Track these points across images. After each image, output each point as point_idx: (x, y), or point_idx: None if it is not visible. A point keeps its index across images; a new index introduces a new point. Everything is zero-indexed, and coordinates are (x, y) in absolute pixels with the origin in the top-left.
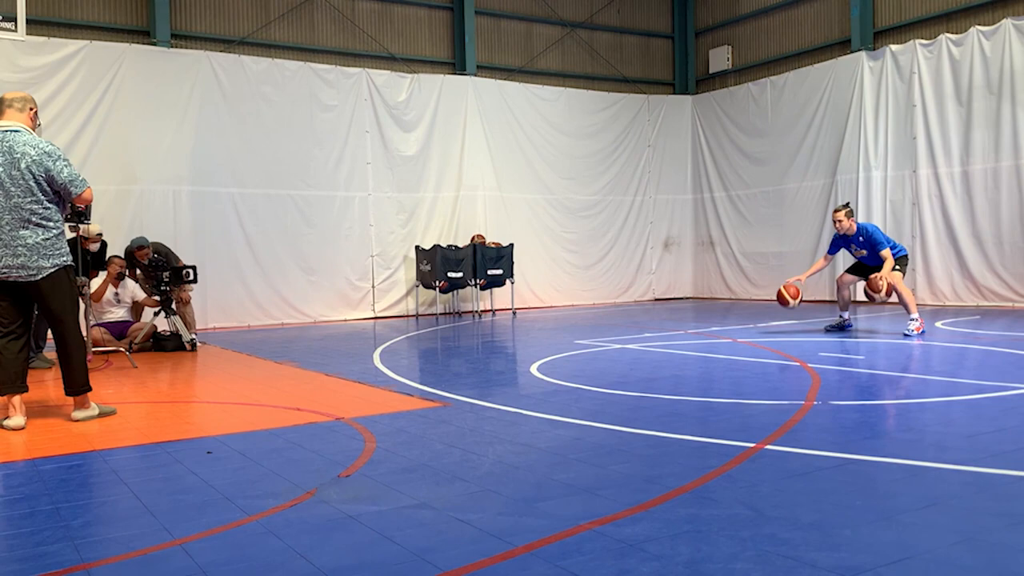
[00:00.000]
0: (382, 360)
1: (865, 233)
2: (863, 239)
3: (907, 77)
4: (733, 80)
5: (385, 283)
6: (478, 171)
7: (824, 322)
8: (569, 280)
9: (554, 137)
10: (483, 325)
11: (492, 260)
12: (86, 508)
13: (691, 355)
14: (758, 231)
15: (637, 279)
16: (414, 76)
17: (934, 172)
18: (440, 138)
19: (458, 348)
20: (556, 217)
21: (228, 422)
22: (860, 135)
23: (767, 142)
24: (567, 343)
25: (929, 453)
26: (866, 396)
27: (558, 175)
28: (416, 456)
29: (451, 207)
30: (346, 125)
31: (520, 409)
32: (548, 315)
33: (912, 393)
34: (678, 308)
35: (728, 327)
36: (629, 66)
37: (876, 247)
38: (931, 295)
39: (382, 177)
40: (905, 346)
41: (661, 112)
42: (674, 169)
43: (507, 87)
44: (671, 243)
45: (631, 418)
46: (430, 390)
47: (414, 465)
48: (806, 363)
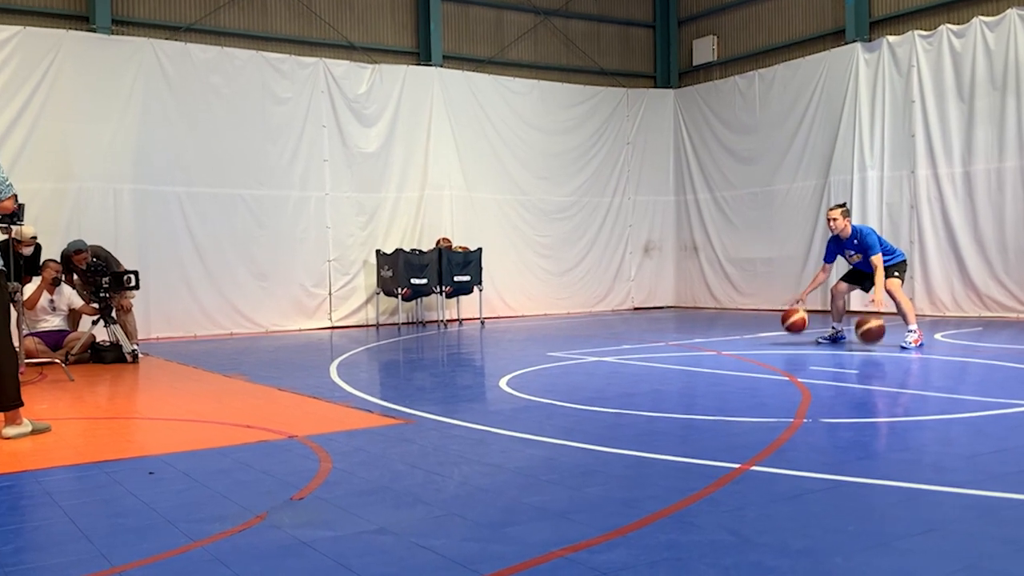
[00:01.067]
0: (339, 373)
1: (859, 236)
2: (857, 242)
3: (905, 70)
4: (718, 73)
5: (343, 290)
6: (444, 170)
7: (816, 334)
8: (542, 287)
9: (526, 133)
10: (449, 336)
11: (459, 266)
12: (17, 533)
13: (672, 369)
14: (745, 235)
15: (615, 287)
16: (375, 67)
17: (934, 173)
18: (403, 134)
19: (422, 360)
20: (528, 219)
21: (172, 440)
22: (855, 133)
23: (755, 140)
24: (539, 355)
25: (927, 475)
26: (860, 413)
27: (530, 174)
28: (375, 477)
29: (415, 208)
30: (301, 119)
31: (488, 427)
32: (519, 325)
33: (909, 410)
34: (659, 318)
35: (712, 339)
36: (607, 57)
37: (867, 251)
38: (930, 305)
39: (340, 176)
40: (902, 360)
41: (641, 107)
42: (655, 168)
43: (476, 79)
44: (652, 248)
45: (607, 436)
46: (391, 406)
47: (373, 487)
48: (796, 378)
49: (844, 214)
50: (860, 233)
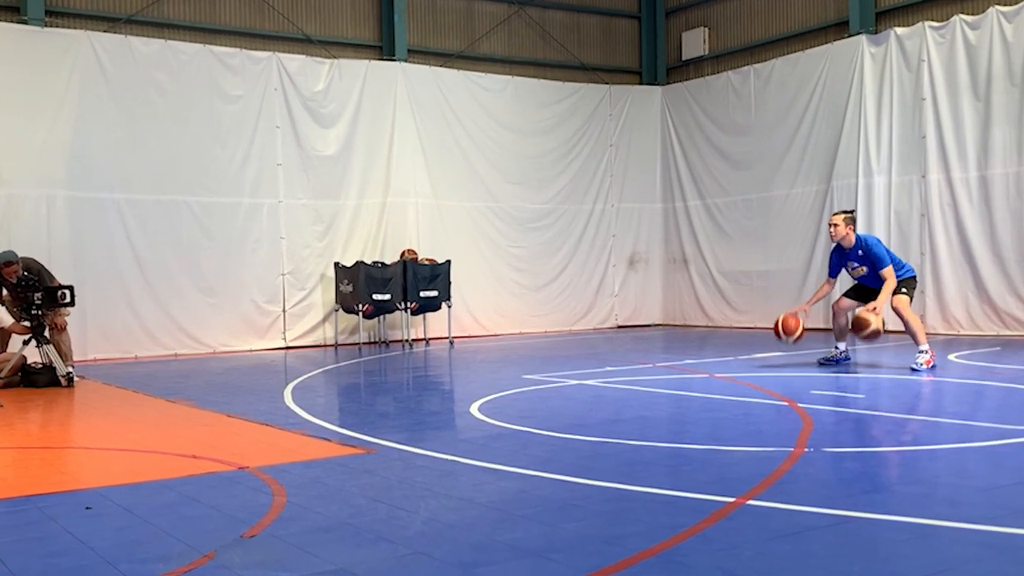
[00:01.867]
0: (294, 398)
1: (864, 246)
2: (862, 253)
3: (915, 65)
4: (710, 68)
5: (298, 307)
6: (409, 174)
7: (817, 354)
8: (516, 304)
9: (499, 134)
10: (415, 357)
11: (425, 280)
12: None
13: (660, 393)
14: (740, 246)
15: (597, 303)
16: (334, 62)
17: (947, 177)
18: (364, 135)
19: (385, 384)
20: (501, 229)
21: (111, 472)
22: (860, 133)
23: (750, 141)
24: (514, 378)
25: (940, 510)
26: (866, 442)
27: (504, 179)
28: (334, 512)
29: (377, 217)
30: (253, 119)
31: (457, 456)
32: (492, 345)
33: (920, 438)
34: (645, 337)
35: (704, 360)
36: (588, 51)
37: (876, 264)
38: (943, 322)
39: (295, 181)
40: (912, 383)
41: (625, 105)
42: (641, 173)
43: (444, 75)
44: (637, 260)
45: (588, 467)
46: (351, 434)
47: (331, 523)
48: (796, 403)
49: (847, 221)
50: (865, 243)
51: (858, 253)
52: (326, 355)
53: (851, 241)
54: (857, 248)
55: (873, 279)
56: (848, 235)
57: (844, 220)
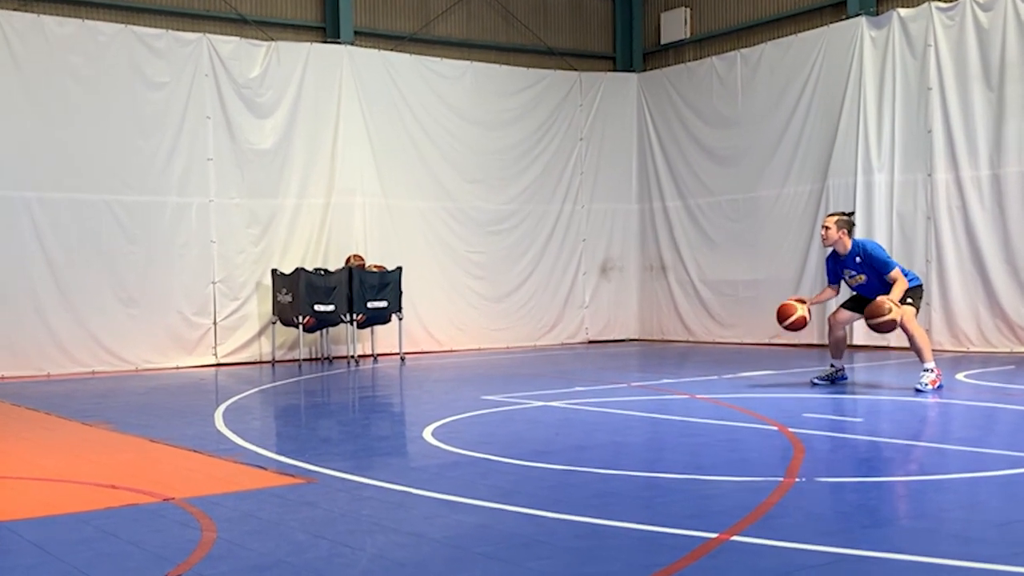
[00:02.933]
0: (226, 421)
1: (863, 252)
2: (860, 260)
3: (920, 51)
4: (692, 53)
5: (231, 319)
6: (356, 171)
7: (811, 373)
8: (476, 316)
9: (456, 126)
10: (361, 375)
11: (374, 289)
12: None
13: (635, 416)
14: (725, 253)
15: (565, 315)
16: (271, 44)
17: (955, 176)
18: (306, 127)
19: (328, 405)
20: (459, 232)
21: (20, 504)
22: (859, 127)
23: (737, 135)
24: (472, 399)
25: (949, 547)
26: (866, 471)
27: (461, 177)
28: (270, 550)
29: (320, 218)
30: (180, 108)
31: (409, 487)
32: (448, 362)
33: (926, 467)
34: (619, 353)
35: (684, 379)
36: (555, 34)
37: (881, 269)
38: (951, 338)
39: (228, 178)
40: (917, 405)
41: (598, 94)
42: (614, 170)
43: (394, 60)
44: (610, 268)
45: (555, 499)
46: (290, 461)
47: (267, 561)
48: (786, 427)
49: (840, 224)
50: (863, 249)
51: (855, 260)
52: (262, 373)
53: (847, 247)
54: (854, 254)
55: (872, 287)
56: (842, 240)
57: (837, 223)
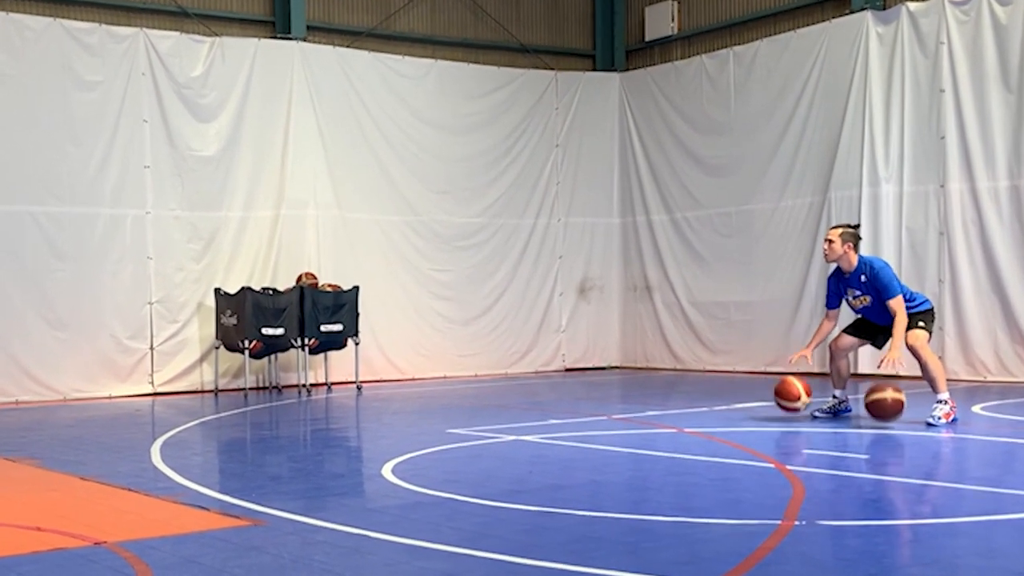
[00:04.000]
0: (164, 457)
1: (868, 270)
2: (865, 279)
3: (932, 49)
4: (680, 51)
5: (170, 343)
6: (308, 180)
7: (812, 405)
8: (441, 341)
9: (419, 131)
10: (314, 406)
11: (328, 311)
12: None
13: (617, 452)
14: (716, 271)
15: (540, 340)
16: (215, 40)
17: (970, 187)
18: (253, 132)
19: (277, 440)
20: (422, 248)
21: None
22: (864, 133)
23: (729, 142)
24: (437, 433)
25: None
26: (871, 513)
27: (425, 187)
28: None
29: (268, 232)
30: (115, 111)
31: (366, 530)
32: (410, 391)
33: (939, 509)
34: (599, 383)
35: (671, 411)
36: (529, 29)
37: (881, 292)
38: (966, 366)
39: (167, 187)
40: (929, 441)
41: (575, 97)
42: (594, 180)
43: (351, 58)
44: (589, 288)
45: (529, 544)
46: (234, 502)
47: None
48: (784, 464)
49: (845, 237)
50: (870, 267)
51: (860, 279)
52: (204, 403)
53: (852, 263)
54: (859, 272)
55: (878, 312)
56: (847, 255)
57: (842, 236)
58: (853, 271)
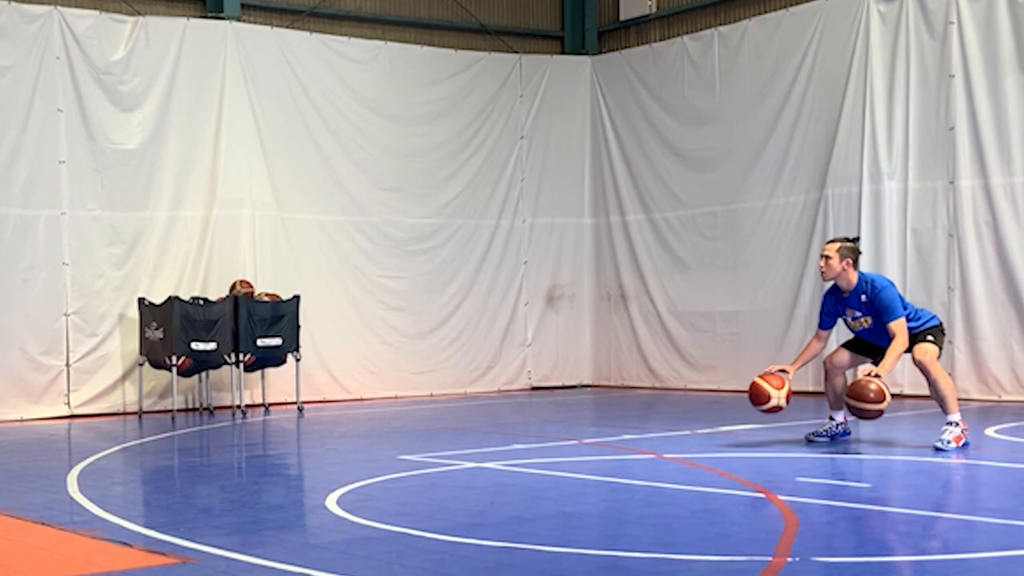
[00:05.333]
0: (82, 487)
1: (870, 289)
2: (865, 299)
3: (941, 30)
4: (658, 31)
5: (88, 360)
6: (243, 177)
7: (806, 427)
8: (392, 356)
9: (367, 122)
10: (250, 429)
11: (265, 323)
12: None
13: (589, 480)
14: (699, 278)
15: (503, 356)
16: (138, 20)
17: (983, 184)
18: (181, 122)
19: (208, 467)
20: (371, 253)
21: None
22: (864, 123)
23: (714, 133)
24: (387, 459)
25: None
26: (872, 548)
27: (374, 184)
28: None
29: (198, 235)
30: (26, 99)
31: (308, 568)
32: (357, 413)
33: (950, 544)
34: (569, 403)
35: (650, 434)
36: (490, 8)
37: (882, 314)
38: (978, 384)
39: (84, 185)
40: (937, 467)
41: (542, 82)
42: (563, 176)
43: (291, 39)
44: (558, 297)
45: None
46: (161, 537)
47: None
48: (775, 494)
49: (844, 253)
50: (871, 285)
51: (860, 298)
52: (126, 427)
53: (851, 282)
54: (859, 291)
55: (881, 334)
56: (846, 273)
57: (839, 252)
58: (852, 290)
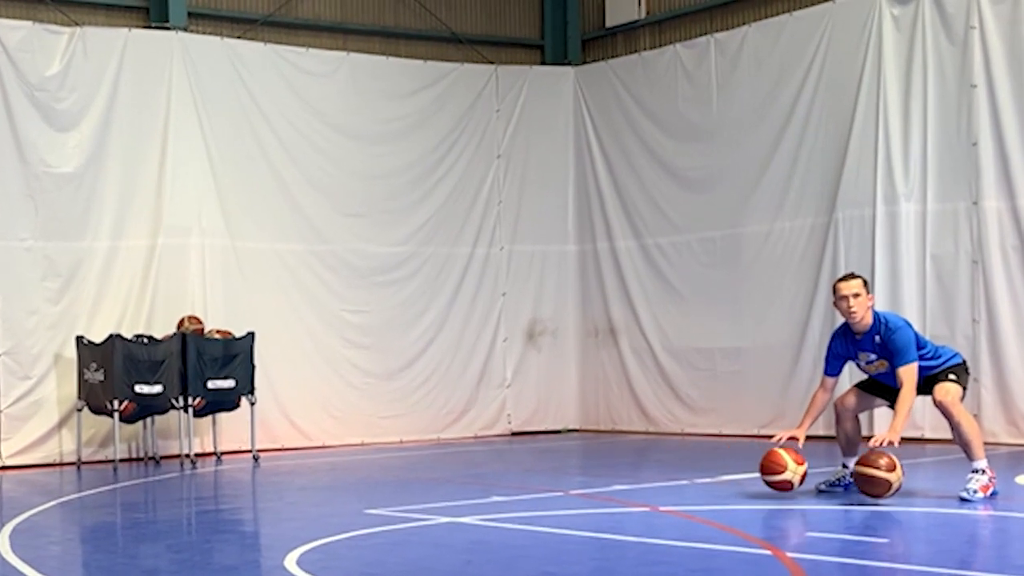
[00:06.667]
0: (15, 547)
1: (883, 329)
2: (880, 340)
3: (961, 35)
4: (648, 39)
5: (20, 405)
6: (192, 202)
7: (817, 476)
8: (357, 399)
9: (328, 140)
10: (200, 481)
11: (216, 363)
12: None
13: (576, 536)
14: (696, 310)
15: (479, 398)
16: (76, 31)
17: (1010, 205)
18: (123, 143)
19: (154, 524)
20: (333, 285)
21: None
22: (877, 138)
23: (711, 150)
24: (353, 514)
25: None
26: None
27: (336, 209)
28: None
29: (142, 266)
30: None
31: None
32: (319, 462)
33: None
34: (553, 450)
35: (643, 484)
36: (464, 14)
37: (894, 357)
38: (1008, 426)
39: (16, 212)
40: (962, 520)
41: (521, 96)
42: (544, 198)
43: (243, 51)
44: (540, 332)
45: None
46: None
47: None
48: (782, 551)
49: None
50: (886, 326)
51: (874, 339)
52: (63, 479)
53: (868, 322)
54: (874, 332)
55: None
56: (863, 316)
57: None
58: (867, 331)
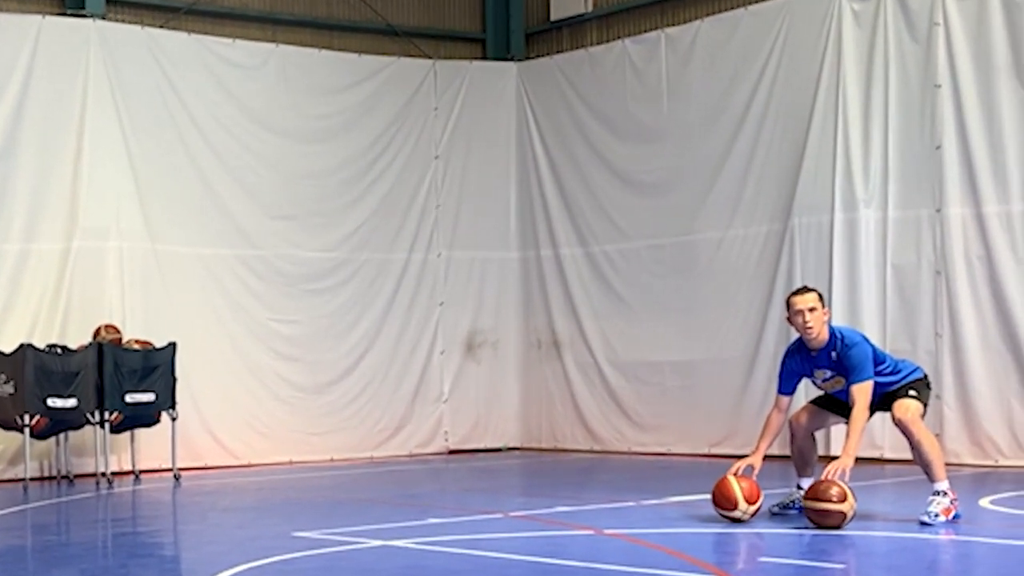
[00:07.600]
0: None
1: (840, 345)
2: (836, 356)
3: (925, 32)
4: (595, 33)
5: None
6: (109, 202)
7: (770, 498)
8: (286, 415)
9: (256, 138)
10: (117, 501)
11: (135, 375)
12: None
13: (516, 560)
14: (645, 322)
15: (415, 413)
16: None
17: (975, 212)
18: (34, 139)
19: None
20: (260, 292)
21: None
22: (836, 141)
23: (662, 152)
24: (279, 537)
25: None
26: None
27: (264, 211)
28: None
29: (55, 271)
30: None
31: None
32: (244, 482)
33: None
34: (493, 469)
35: (587, 505)
36: (401, 6)
37: (849, 374)
38: (971, 446)
39: None
40: (923, 544)
41: (460, 93)
42: (485, 202)
43: (165, 41)
44: (480, 344)
45: None
46: None
47: None
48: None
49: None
50: (842, 341)
51: (831, 355)
52: None
53: (824, 337)
54: (830, 348)
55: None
56: (819, 331)
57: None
58: (823, 347)
